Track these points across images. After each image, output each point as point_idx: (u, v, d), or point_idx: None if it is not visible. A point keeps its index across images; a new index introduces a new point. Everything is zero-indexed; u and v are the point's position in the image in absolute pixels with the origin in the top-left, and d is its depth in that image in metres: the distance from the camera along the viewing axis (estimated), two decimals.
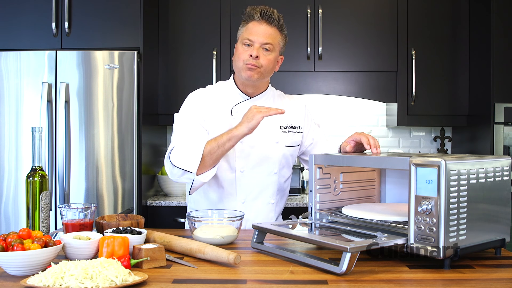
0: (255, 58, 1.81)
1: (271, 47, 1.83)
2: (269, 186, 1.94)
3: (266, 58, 1.83)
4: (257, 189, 1.92)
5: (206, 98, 1.93)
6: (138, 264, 1.28)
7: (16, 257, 1.18)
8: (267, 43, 1.82)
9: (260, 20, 1.83)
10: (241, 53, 1.84)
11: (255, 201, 1.91)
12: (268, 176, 1.93)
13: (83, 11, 2.90)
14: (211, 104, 1.92)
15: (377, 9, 3.27)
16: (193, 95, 1.95)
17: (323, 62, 3.25)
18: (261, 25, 1.83)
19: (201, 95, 1.94)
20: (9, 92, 2.85)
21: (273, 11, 1.84)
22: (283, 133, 1.95)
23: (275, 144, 1.93)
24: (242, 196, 1.90)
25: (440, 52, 3.28)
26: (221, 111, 1.91)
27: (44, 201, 1.57)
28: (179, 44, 3.28)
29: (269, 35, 1.83)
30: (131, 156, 2.84)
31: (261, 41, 1.82)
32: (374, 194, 1.76)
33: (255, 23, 1.84)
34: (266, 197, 1.94)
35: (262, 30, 1.82)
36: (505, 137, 3.01)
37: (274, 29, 1.84)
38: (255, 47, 1.81)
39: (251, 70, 1.82)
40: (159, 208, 2.99)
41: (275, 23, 1.84)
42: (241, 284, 1.16)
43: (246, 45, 1.83)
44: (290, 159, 1.99)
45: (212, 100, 1.93)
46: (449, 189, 1.22)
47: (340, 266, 1.19)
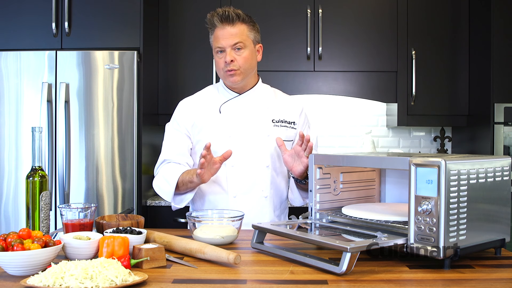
0: (230, 62, 1.85)
1: (241, 45, 1.87)
2: (261, 180, 1.94)
3: (241, 58, 1.87)
4: (248, 183, 1.93)
5: (191, 105, 2.00)
6: (138, 264, 1.28)
7: (16, 257, 1.18)
8: (235, 43, 1.86)
9: (221, 25, 1.87)
10: (218, 62, 1.91)
11: (247, 195, 1.92)
12: (260, 170, 1.94)
13: (83, 11, 2.90)
14: (199, 108, 1.98)
15: (377, 9, 3.27)
16: (178, 106, 2.04)
17: (323, 62, 3.25)
18: (224, 29, 1.86)
19: (186, 104, 2.02)
20: (9, 92, 2.85)
21: (229, 11, 1.87)
22: (275, 127, 1.97)
23: (266, 137, 1.95)
24: (234, 190, 1.92)
25: (440, 52, 3.28)
26: (210, 110, 1.97)
27: (44, 201, 1.57)
28: (179, 44, 3.29)
29: (235, 34, 1.86)
30: (131, 156, 2.84)
31: (229, 43, 1.86)
32: (374, 194, 1.76)
33: (219, 29, 1.88)
34: (259, 191, 1.94)
35: (227, 33, 1.86)
36: (505, 137, 3.01)
37: (237, 26, 1.87)
38: (227, 52, 1.86)
39: (232, 76, 1.88)
40: (159, 208, 2.99)
41: (236, 20, 1.87)
42: (241, 284, 1.16)
43: (220, 52, 1.89)
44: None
45: (200, 103, 2.00)
46: (449, 189, 1.22)
47: (340, 266, 1.19)
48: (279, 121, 1.99)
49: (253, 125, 1.95)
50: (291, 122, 2.02)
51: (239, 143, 1.92)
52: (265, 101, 2.00)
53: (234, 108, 1.97)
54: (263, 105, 1.99)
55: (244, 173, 1.92)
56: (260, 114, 1.97)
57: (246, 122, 1.95)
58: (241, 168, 1.92)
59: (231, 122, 1.95)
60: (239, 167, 1.92)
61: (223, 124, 1.94)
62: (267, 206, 1.96)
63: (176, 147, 1.96)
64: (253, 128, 1.94)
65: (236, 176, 1.92)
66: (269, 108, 2.00)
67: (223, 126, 1.94)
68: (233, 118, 1.95)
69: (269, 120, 1.97)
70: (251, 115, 1.96)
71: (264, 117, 1.97)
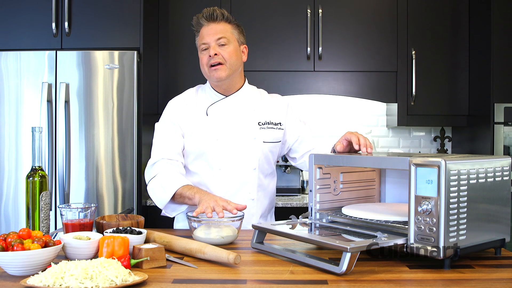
0: (214, 55, 1.87)
1: (225, 41, 1.89)
2: (248, 183, 1.95)
3: (225, 52, 1.89)
4: (235, 186, 1.93)
5: (181, 104, 2.00)
6: (138, 264, 1.28)
7: (16, 257, 1.18)
8: (219, 38, 1.88)
9: (206, 23, 1.90)
10: (202, 59, 1.93)
11: (234, 197, 1.91)
12: (246, 173, 1.94)
13: (83, 11, 2.90)
14: (187, 108, 1.98)
15: (377, 9, 3.27)
16: (169, 105, 2.03)
17: (323, 62, 3.25)
18: (209, 26, 1.90)
19: (176, 103, 2.02)
20: (9, 92, 2.85)
21: (214, 9, 1.91)
22: (261, 129, 1.97)
23: (252, 140, 1.95)
24: (221, 193, 1.91)
25: (440, 52, 3.28)
26: (197, 112, 1.97)
27: (44, 201, 1.57)
28: (179, 44, 3.28)
29: (219, 30, 1.89)
30: (131, 156, 2.84)
31: (213, 39, 1.88)
32: (374, 194, 1.76)
33: (204, 27, 1.91)
34: (246, 193, 1.94)
35: (211, 29, 1.89)
36: (505, 137, 3.01)
37: (221, 24, 1.91)
38: (211, 47, 1.88)
39: (216, 70, 1.88)
40: (159, 208, 2.98)
41: (220, 18, 1.91)
42: (241, 284, 1.16)
43: (204, 50, 1.91)
44: (270, 155, 2.00)
45: (188, 103, 2.00)
46: (449, 189, 1.22)
47: (340, 266, 1.19)
48: (265, 123, 1.99)
49: (239, 128, 1.95)
50: (277, 123, 2.01)
51: (226, 146, 1.93)
52: (251, 103, 2.00)
53: (220, 111, 1.97)
54: (249, 108, 1.99)
55: (231, 176, 1.93)
56: (246, 116, 1.97)
57: (232, 125, 1.95)
58: (228, 171, 1.93)
59: (218, 125, 1.94)
60: (226, 170, 1.93)
61: (210, 126, 1.94)
62: (254, 208, 1.96)
63: (170, 145, 1.92)
64: (240, 131, 1.95)
65: (223, 179, 1.93)
66: (255, 110, 2.00)
67: (210, 128, 1.94)
68: (220, 120, 1.95)
69: (255, 123, 1.97)
70: (238, 118, 1.96)
71: (250, 120, 1.97)
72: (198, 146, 1.94)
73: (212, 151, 1.92)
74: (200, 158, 1.94)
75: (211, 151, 1.92)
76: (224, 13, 1.92)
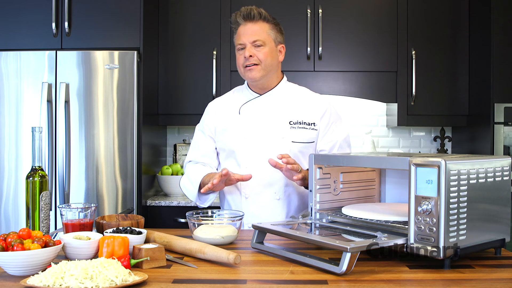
0: (249, 57, 1.88)
1: (261, 43, 1.89)
2: (274, 182, 1.93)
3: (261, 53, 1.89)
4: (261, 185, 1.92)
5: (216, 105, 2.07)
6: (138, 264, 1.28)
7: (16, 257, 1.18)
8: (255, 40, 1.89)
9: (244, 22, 1.91)
10: (238, 59, 1.94)
11: (259, 196, 1.92)
12: (273, 172, 1.88)
13: (83, 11, 2.90)
14: (222, 108, 2.03)
15: (377, 9, 3.27)
16: (206, 108, 2.11)
17: (323, 62, 3.25)
18: (246, 26, 1.91)
19: (212, 106, 2.09)
20: (9, 92, 2.85)
21: (252, 8, 1.91)
22: (291, 129, 1.94)
23: (280, 139, 1.92)
24: (246, 191, 1.93)
25: (440, 52, 3.28)
26: (231, 111, 2.01)
27: (44, 201, 1.57)
28: (179, 44, 3.28)
29: (255, 32, 1.89)
30: (131, 156, 2.84)
31: (249, 40, 1.89)
32: (374, 194, 1.76)
33: (241, 27, 1.92)
34: (271, 193, 1.93)
35: (248, 30, 1.90)
36: (505, 137, 3.01)
37: (259, 24, 1.91)
38: (247, 48, 1.89)
39: (251, 71, 1.89)
40: (159, 208, 2.99)
41: (257, 17, 1.91)
42: (241, 284, 1.16)
43: (240, 50, 1.92)
44: (300, 156, 1.92)
45: (224, 103, 2.05)
46: (449, 189, 1.22)
47: (340, 266, 1.19)
48: (297, 122, 1.94)
49: (268, 127, 1.93)
50: (311, 123, 1.95)
51: (254, 145, 1.93)
52: (284, 101, 1.97)
53: (252, 109, 1.97)
54: (281, 106, 1.96)
55: (257, 174, 1.90)
56: (277, 115, 1.95)
57: (262, 123, 1.94)
58: (255, 170, 1.90)
59: (248, 123, 1.95)
60: (252, 169, 1.91)
61: (240, 125, 1.96)
62: (279, 208, 1.94)
63: (200, 149, 2.05)
64: (269, 130, 1.93)
65: None
66: (288, 109, 1.96)
67: (240, 127, 1.95)
68: (251, 119, 1.96)
69: (286, 122, 1.94)
70: (268, 117, 1.95)
71: (280, 119, 1.94)
72: (229, 144, 1.97)
73: (240, 149, 1.94)
74: (230, 156, 1.98)
75: (240, 150, 1.94)
76: (262, 12, 1.91)
